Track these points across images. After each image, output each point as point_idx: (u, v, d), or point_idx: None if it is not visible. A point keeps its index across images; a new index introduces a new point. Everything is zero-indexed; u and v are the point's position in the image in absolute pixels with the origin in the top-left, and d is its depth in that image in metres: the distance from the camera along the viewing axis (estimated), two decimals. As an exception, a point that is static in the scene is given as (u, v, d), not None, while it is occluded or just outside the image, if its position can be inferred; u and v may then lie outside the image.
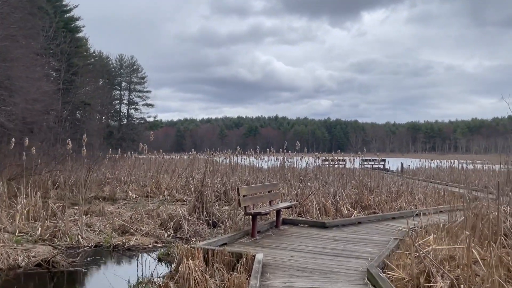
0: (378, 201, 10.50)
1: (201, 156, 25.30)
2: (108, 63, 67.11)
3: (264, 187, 7.81)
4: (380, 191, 12.41)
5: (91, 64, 54.73)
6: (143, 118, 71.99)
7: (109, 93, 63.57)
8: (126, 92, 70.64)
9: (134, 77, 71.07)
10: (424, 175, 23.38)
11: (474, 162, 29.69)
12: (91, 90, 53.82)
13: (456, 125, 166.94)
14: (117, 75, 69.87)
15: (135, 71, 71.15)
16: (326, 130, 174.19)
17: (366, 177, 16.10)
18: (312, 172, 18.64)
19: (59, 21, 37.91)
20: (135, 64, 71.31)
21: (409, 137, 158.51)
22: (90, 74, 50.62)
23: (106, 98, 62.05)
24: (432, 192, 12.95)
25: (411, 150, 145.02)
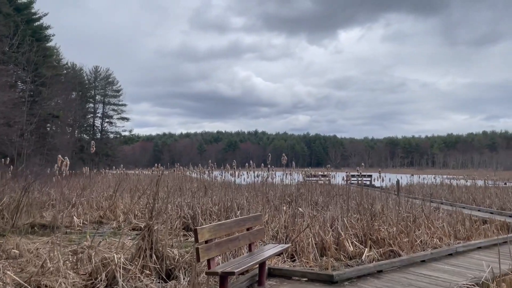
0: (393, 234, 7.88)
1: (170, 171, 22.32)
2: (81, 75, 64.09)
3: (240, 223, 5.00)
4: (387, 217, 9.84)
5: (62, 75, 51.74)
6: (118, 132, 69.07)
7: (81, 106, 60.41)
8: (100, 105, 67.56)
9: (109, 89, 68.13)
10: (420, 193, 21.07)
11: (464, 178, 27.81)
12: (62, 102, 50.75)
13: (433, 140, 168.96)
14: (91, 87, 66.78)
15: (110, 83, 68.16)
16: (306, 145, 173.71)
17: (363, 198, 13.57)
18: (298, 190, 16.06)
19: (26, 29, 35.01)
20: (111, 77, 68.38)
21: (387, 152, 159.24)
22: (60, 85, 47.67)
23: (78, 111, 58.91)
24: (447, 217, 10.48)
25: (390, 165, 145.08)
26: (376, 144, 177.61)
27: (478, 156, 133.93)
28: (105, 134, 67.62)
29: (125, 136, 70.06)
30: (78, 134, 63.25)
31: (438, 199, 17.81)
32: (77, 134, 62.75)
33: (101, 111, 67.62)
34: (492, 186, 20.49)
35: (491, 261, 6.34)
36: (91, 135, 65.96)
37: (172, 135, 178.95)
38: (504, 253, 7.03)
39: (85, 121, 64.32)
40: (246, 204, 11.80)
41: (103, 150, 62.23)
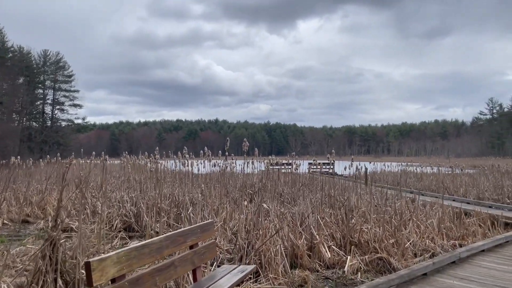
0: (379, 235, 6.42)
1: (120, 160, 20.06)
2: (29, 59, 59.39)
3: (177, 240, 3.17)
4: (365, 212, 8.45)
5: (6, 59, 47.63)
6: (70, 120, 64.92)
7: (30, 92, 56.12)
8: (50, 91, 63.00)
9: (59, 75, 63.53)
10: (386, 181, 20.12)
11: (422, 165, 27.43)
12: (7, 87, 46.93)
13: (388, 129, 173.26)
14: (40, 72, 61.99)
15: (61, 68, 63.58)
16: (266, 134, 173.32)
17: (332, 188, 12.20)
18: (260, 181, 14.52)
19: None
20: (61, 61, 63.68)
21: (346, 140, 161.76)
22: (5, 69, 43.74)
23: (26, 97, 54.75)
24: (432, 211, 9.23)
25: (348, 153, 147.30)
26: (334, 132, 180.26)
27: (431, 144, 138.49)
28: (56, 121, 63.43)
29: (78, 124, 66.10)
30: (27, 122, 59.02)
31: (407, 188, 16.83)
32: (25, 122, 58.53)
33: (52, 97, 63.16)
34: (460, 174, 19.88)
35: (503, 270, 5.00)
36: (40, 122, 61.75)
37: (130, 123, 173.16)
38: (510, 258, 5.77)
39: (34, 108, 60.01)
40: (201, 198, 10.08)
41: (53, 139, 58.35)
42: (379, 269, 5.76)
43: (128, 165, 15.09)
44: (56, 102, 63.62)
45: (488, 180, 15.78)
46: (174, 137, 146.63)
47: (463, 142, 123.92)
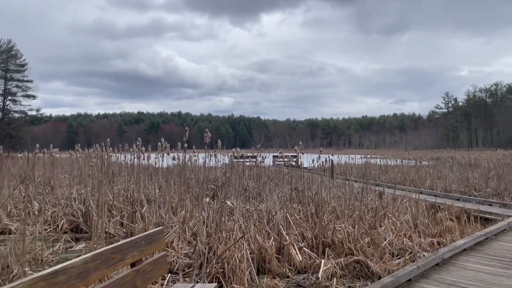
0: (354, 234, 5.85)
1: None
2: (-23, 47, 55.44)
3: (112, 259, 2.39)
4: (336, 208, 7.92)
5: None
6: (23, 112, 61.26)
7: (-23, 82, 52.55)
8: (1, 81, 59.03)
9: (11, 64, 59.57)
10: (351, 174, 19.89)
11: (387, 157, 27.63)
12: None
13: (350, 122, 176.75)
14: (-10, 61, 57.93)
15: (12, 57, 59.62)
16: (230, 127, 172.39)
17: (298, 181, 11.66)
18: (224, 174, 13.79)
19: None
20: (13, 49, 59.70)
21: (308, 133, 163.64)
22: None
23: (-27, 87, 51.16)
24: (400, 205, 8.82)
25: (310, 145, 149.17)
26: (297, 125, 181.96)
27: (390, 136, 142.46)
28: (8, 113, 59.73)
29: (32, 116, 62.59)
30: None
31: (372, 180, 16.60)
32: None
33: (3, 87, 59.29)
34: (424, 166, 19.96)
35: (491, 273, 4.54)
36: (-10, 114, 57.90)
37: (88, 115, 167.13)
38: (495, 257, 5.36)
39: (-17, 99, 56.37)
40: (159, 195, 9.22)
41: (5, 131, 54.93)
42: (356, 273, 5.18)
43: (79, 159, 13.88)
44: (8, 93, 59.92)
45: (452, 172, 15.81)
46: (135, 129, 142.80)
47: (420, 135, 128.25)
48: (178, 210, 7.95)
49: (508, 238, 6.30)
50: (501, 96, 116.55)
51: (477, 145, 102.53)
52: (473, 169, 16.52)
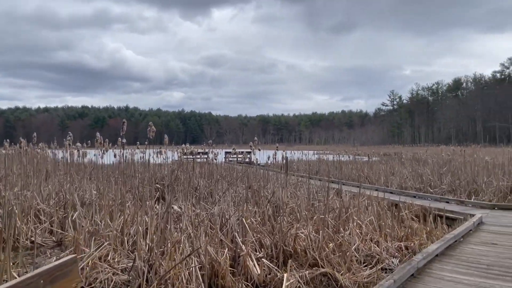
0: (319, 241, 5.20)
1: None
2: None
3: None
4: (295, 209, 7.29)
5: None
6: (-51, 104, 55.83)
7: None
8: None
9: None
10: (305, 170, 19.55)
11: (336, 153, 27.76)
12: None
13: (300, 118, 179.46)
14: None
15: None
16: (181, 122, 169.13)
17: (253, 180, 10.97)
18: (172, 173, 12.81)
19: None
20: None
21: (260, 129, 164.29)
22: None
23: None
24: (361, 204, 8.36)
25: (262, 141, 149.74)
26: (249, 121, 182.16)
27: (338, 133, 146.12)
28: None
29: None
30: None
31: (326, 177, 16.27)
32: None
33: None
34: (377, 162, 20.01)
35: (472, 284, 4.05)
36: None
37: (27, 109, 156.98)
38: (470, 263, 4.92)
39: None
40: (96, 197, 8.15)
41: None
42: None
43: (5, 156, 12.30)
44: None
45: (405, 168, 15.82)
46: (79, 124, 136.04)
47: (367, 131, 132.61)
48: (118, 214, 6.95)
49: (476, 240, 5.95)
50: (442, 94, 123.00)
51: (419, 141, 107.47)
52: (424, 165, 16.66)
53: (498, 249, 5.42)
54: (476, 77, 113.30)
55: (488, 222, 7.30)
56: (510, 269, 4.55)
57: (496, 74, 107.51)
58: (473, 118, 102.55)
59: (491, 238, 6.07)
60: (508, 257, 5.00)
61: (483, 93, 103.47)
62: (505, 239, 5.96)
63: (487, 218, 7.60)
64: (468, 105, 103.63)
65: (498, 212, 8.43)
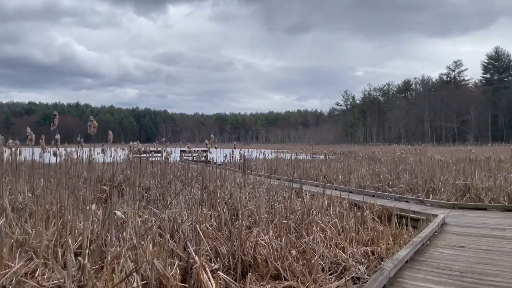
0: (281, 249, 4.70)
1: None
2: None
3: None
4: (252, 212, 6.79)
5: None
6: None
7: None
8: None
9: None
10: (263, 169, 19.14)
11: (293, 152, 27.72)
12: None
13: (257, 117, 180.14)
14: None
15: None
16: (135, 120, 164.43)
17: (210, 180, 10.36)
18: (122, 172, 11.99)
19: None
20: None
21: (217, 128, 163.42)
22: None
23: None
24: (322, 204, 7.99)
25: (219, 140, 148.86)
26: (206, 120, 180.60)
27: (294, 131, 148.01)
28: None
29: None
30: None
31: (284, 176, 15.93)
32: None
33: None
34: (334, 160, 19.96)
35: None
36: None
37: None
38: (442, 270, 4.62)
39: None
40: (29, 201, 7.21)
41: None
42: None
43: None
44: None
45: (362, 167, 15.79)
46: (26, 121, 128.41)
47: (322, 130, 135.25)
48: (54, 221, 6.11)
49: (443, 243, 5.70)
50: (392, 95, 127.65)
51: (371, 140, 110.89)
52: (381, 163, 16.73)
53: (467, 252, 5.17)
54: (424, 79, 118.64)
55: (450, 222, 7.14)
56: (484, 275, 4.27)
57: (442, 76, 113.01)
58: (421, 118, 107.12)
59: (457, 240, 5.85)
60: (478, 262, 4.75)
61: (430, 94, 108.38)
62: (471, 241, 5.75)
63: (449, 218, 7.45)
64: (416, 105, 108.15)
65: (458, 211, 8.35)
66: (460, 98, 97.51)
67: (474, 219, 7.46)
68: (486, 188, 9.71)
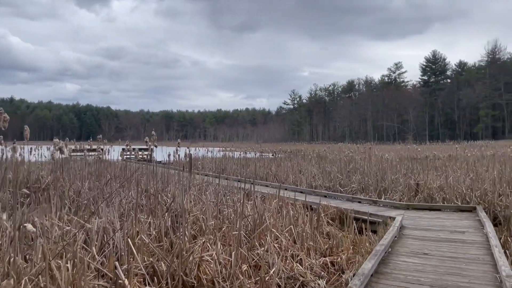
0: (232, 269, 3.99)
1: None
2: None
3: None
4: (197, 218, 6.03)
5: None
6: None
7: None
8: None
9: None
10: (210, 168, 18.32)
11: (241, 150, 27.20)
12: None
13: (205, 115, 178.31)
14: None
15: None
16: (75, 117, 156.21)
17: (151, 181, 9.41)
18: (50, 173, 10.73)
19: None
20: None
21: (163, 125, 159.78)
22: None
23: None
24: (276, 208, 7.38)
25: (166, 138, 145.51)
26: (152, 117, 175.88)
27: (243, 130, 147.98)
28: None
29: None
30: None
31: (233, 176, 15.23)
32: None
33: None
34: (283, 159, 19.55)
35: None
36: None
37: None
38: (410, 284, 4.14)
39: None
40: None
41: None
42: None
43: None
44: None
45: (312, 166, 15.46)
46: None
47: (269, 129, 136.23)
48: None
49: (405, 250, 5.28)
50: (337, 95, 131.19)
51: (317, 138, 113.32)
52: (330, 162, 16.53)
53: (432, 261, 4.76)
54: (367, 79, 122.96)
55: (408, 225, 6.80)
56: (456, 289, 3.83)
57: (384, 78, 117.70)
58: (364, 118, 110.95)
59: (419, 246, 5.45)
60: (447, 273, 4.33)
61: (373, 94, 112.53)
62: (434, 247, 5.38)
63: (406, 220, 7.13)
64: (360, 105, 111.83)
65: (413, 212, 8.10)
66: (400, 98, 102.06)
67: (430, 221, 7.19)
68: (438, 188, 9.61)
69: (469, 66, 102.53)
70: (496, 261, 4.52)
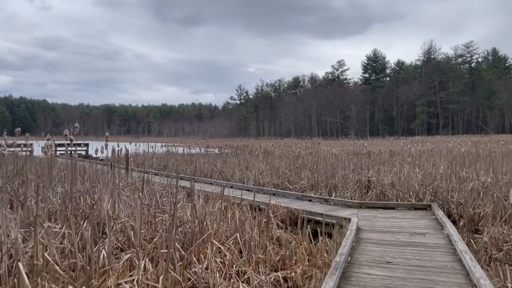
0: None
1: None
2: None
3: None
4: (125, 226, 5.05)
5: None
6: None
7: None
8: None
9: None
10: (152, 165, 17.07)
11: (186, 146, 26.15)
12: None
13: (149, 109, 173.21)
14: None
15: None
16: (7, 110, 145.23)
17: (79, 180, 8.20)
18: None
19: None
20: None
21: (104, 120, 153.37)
22: None
23: None
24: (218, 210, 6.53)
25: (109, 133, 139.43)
26: (92, 111, 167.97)
27: (188, 125, 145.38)
28: None
29: None
30: None
31: (174, 172, 14.16)
32: None
33: None
34: (229, 155, 18.71)
35: None
36: None
37: None
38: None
39: None
40: None
41: None
42: None
43: None
44: None
45: (260, 162, 14.78)
46: None
47: (216, 124, 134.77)
48: None
49: (366, 258, 4.65)
50: (283, 91, 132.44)
51: (264, 134, 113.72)
52: (277, 157, 15.94)
53: (398, 272, 4.15)
54: (313, 76, 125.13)
55: (364, 227, 6.24)
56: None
57: (328, 75, 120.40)
58: (309, 114, 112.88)
59: (380, 253, 4.86)
60: (416, 286, 3.73)
61: (317, 91, 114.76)
62: (396, 254, 4.81)
63: (361, 221, 6.57)
64: (305, 101, 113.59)
65: (367, 211, 7.60)
66: (343, 95, 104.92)
67: (387, 222, 6.70)
68: (391, 184, 9.26)
69: (407, 65, 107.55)
70: (469, 270, 3.99)
